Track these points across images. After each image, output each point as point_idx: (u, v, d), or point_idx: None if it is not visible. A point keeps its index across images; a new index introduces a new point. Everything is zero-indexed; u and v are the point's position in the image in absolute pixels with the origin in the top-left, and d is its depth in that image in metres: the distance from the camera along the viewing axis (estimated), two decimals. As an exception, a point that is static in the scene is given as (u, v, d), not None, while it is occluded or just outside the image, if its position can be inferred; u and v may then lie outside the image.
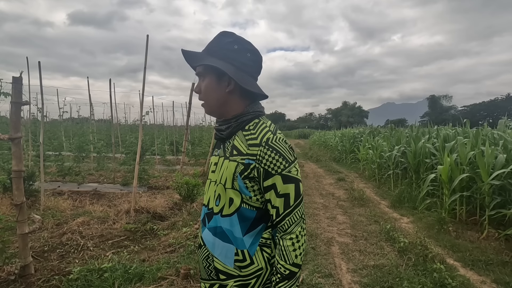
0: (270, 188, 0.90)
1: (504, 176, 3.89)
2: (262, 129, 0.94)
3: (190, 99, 6.78)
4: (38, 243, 3.44)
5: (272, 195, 0.90)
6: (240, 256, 0.94)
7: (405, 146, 6.92)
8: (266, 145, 0.89)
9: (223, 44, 0.94)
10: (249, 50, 0.95)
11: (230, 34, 0.96)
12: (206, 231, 1.00)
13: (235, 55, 0.94)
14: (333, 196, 6.56)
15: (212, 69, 0.94)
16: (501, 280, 2.89)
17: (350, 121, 65.17)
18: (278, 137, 0.92)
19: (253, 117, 0.97)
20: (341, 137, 15.29)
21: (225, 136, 0.98)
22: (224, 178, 0.94)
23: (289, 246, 0.89)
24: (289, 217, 0.90)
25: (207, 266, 1.00)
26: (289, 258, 0.89)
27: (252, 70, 0.97)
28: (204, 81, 0.97)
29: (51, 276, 2.74)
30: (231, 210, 0.94)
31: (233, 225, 0.94)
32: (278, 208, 0.90)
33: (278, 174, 0.89)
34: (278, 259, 0.90)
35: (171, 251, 3.39)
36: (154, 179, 7.38)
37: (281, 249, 0.90)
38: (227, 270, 0.96)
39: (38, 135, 8.04)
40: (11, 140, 2.61)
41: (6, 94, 2.90)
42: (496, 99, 56.23)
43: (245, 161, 0.91)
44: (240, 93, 0.96)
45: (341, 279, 2.94)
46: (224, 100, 0.97)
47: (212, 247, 0.98)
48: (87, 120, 12.87)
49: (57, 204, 4.83)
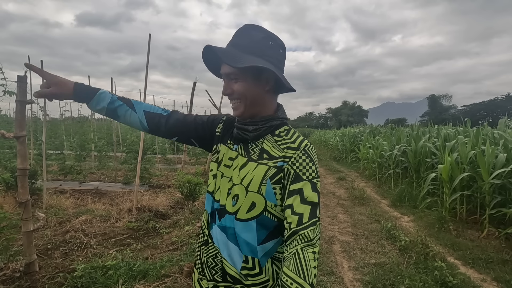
0: (296, 192, 0.82)
1: (505, 175, 3.92)
2: (297, 136, 0.92)
3: (191, 98, 6.79)
4: (41, 241, 3.46)
5: (296, 200, 0.81)
6: (249, 264, 0.88)
7: (406, 145, 6.94)
8: (304, 150, 0.86)
9: (258, 40, 0.88)
10: (280, 45, 0.92)
11: (260, 28, 0.90)
12: (216, 228, 0.93)
13: (272, 52, 0.89)
14: (333, 195, 6.59)
15: (250, 68, 0.85)
16: (502, 278, 2.92)
17: (350, 120, 65.17)
18: (313, 147, 0.90)
19: (282, 123, 0.94)
20: (341, 137, 15.31)
21: (250, 137, 0.92)
22: (248, 180, 0.87)
23: (311, 260, 0.74)
24: (313, 228, 0.78)
25: (212, 265, 0.92)
26: (310, 276, 0.72)
27: (283, 65, 0.94)
28: (238, 82, 0.88)
29: (56, 273, 2.76)
30: (250, 215, 0.87)
31: (249, 231, 0.87)
32: (302, 215, 0.79)
33: (308, 181, 0.83)
34: (294, 277, 0.72)
35: (174, 249, 3.41)
36: (156, 178, 7.41)
37: (301, 263, 0.73)
38: (235, 274, 0.89)
39: (39, 134, 8.05)
40: (16, 138, 2.62)
41: (11, 92, 2.91)
42: (496, 98, 56.22)
43: (278, 163, 0.86)
44: (273, 91, 0.93)
45: (343, 277, 2.97)
46: (261, 100, 0.92)
47: (224, 246, 0.91)
48: (87, 119, 12.87)
49: (59, 203, 4.85)
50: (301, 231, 0.78)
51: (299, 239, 0.77)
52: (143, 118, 1.02)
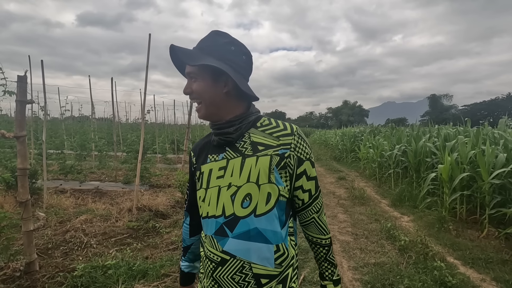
0: (302, 174, 0.95)
1: (505, 175, 3.92)
2: (283, 123, 0.97)
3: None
4: (42, 241, 3.47)
5: (304, 180, 0.95)
6: (281, 250, 0.91)
7: (406, 145, 6.93)
8: (297, 133, 0.95)
9: (220, 44, 0.92)
10: (244, 53, 0.95)
11: (225, 34, 0.94)
12: (232, 240, 0.89)
13: (232, 57, 0.92)
14: (333, 195, 6.59)
15: (208, 69, 0.90)
16: (501, 278, 2.91)
17: (350, 120, 65.16)
18: (299, 128, 0.99)
19: (259, 117, 0.99)
20: (341, 136, 15.30)
21: (234, 138, 0.94)
22: (255, 175, 0.89)
23: (325, 221, 1.01)
24: (320, 197, 0.99)
25: (242, 279, 0.89)
26: (327, 230, 1.02)
27: (246, 72, 0.97)
28: (196, 82, 0.93)
29: (56, 272, 2.77)
30: (270, 205, 0.90)
31: (272, 221, 0.90)
32: (310, 190, 0.97)
33: (307, 160, 0.95)
34: (320, 236, 1.00)
35: (174, 249, 3.42)
36: (156, 178, 7.41)
37: (322, 226, 1.00)
38: (269, 272, 0.90)
39: (39, 133, 8.07)
40: (16, 138, 2.63)
41: (11, 92, 2.92)
42: (497, 98, 56.18)
43: (280, 151, 0.91)
44: (235, 94, 0.94)
45: (342, 276, 2.97)
46: (221, 101, 0.94)
47: (247, 254, 0.89)
48: (88, 119, 12.89)
49: (59, 202, 4.86)
50: (313, 203, 0.98)
51: (313, 209, 0.98)
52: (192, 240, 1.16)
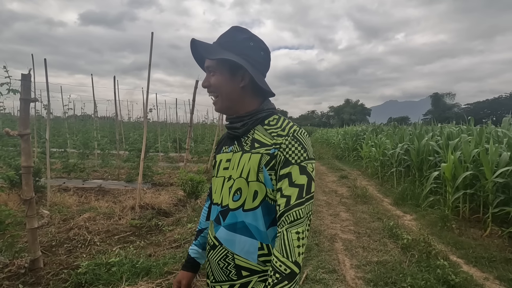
0: (285, 176, 0.87)
1: (508, 174, 3.90)
2: (287, 123, 0.95)
3: (193, 97, 6.80)
4: (46, 238, 3.50)
5: (285, 183, 0.86)
6: (265, 250, 0.91)
7: (408, 144, 6.92)
8: (292, 135, 0.90)
9: (239, 39, 0.94)
10: (262, 48, 0.97)
11: (244, 30, 0.97)
12: (222, 229, 0.95)
13: (250, 52, 0.94)
14: (336, 194, 6.59)
15: (226, 63, 0.92)
16: (504, 277, 2.91)
17: (352, 118, 65.01)
18: (303, 131, 0.93)
19: (270, 114, 0.98)
20: (343, 135, 15.28)
21: (240, 133, 0.97)
22: (246, 171, 0.91)
23: (294, 240, 0.82)
24: (299, 209, 0.84)
25: (225, 266, 0.95)
26: (292, 255, 0.81)
27: (263, 68, 0.98)
28: (214, 75, 0.95)
29: (60, 270, 2.79)
30: (256, 203, 0.91)
31: (257, 219, 0.91)
32: (290, 197, 0.85)
33: (296, 164, 0.87)
34: (279, 256, 0.82)
35: (177, 247, 3.43)
36: (158, 176, 7.43)
37: (285, 243, 0.82)
38: (250, 266, 0.92)
39: (43, 132, 8.11)
40: (20, 136, 2.65)
41: (15, 91, 2.94)
42: (500, 97, 55.84)
43: (270, 151, 0.90)
44: (252, 89, 0.97)
45: (345, 274, 2.97)
46: (237, 96, 0.96)
47: (232, 244, 0.93)
48: (90, 117, 12.93)
49: (63, 200, 4.89)
50: (287, 212, 0.85)
51: (285, 220, 0.85)
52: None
